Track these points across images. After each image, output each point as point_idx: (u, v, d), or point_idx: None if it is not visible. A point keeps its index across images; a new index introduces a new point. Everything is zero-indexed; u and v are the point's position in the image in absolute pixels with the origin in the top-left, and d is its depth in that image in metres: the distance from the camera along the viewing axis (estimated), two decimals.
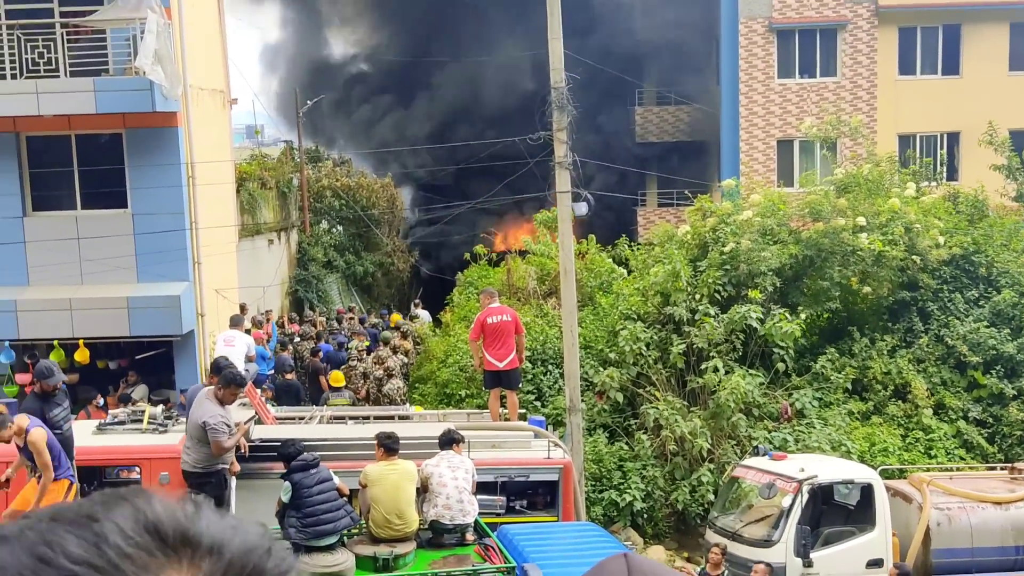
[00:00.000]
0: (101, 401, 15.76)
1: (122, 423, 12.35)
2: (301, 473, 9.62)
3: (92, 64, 17.09)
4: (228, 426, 10.14)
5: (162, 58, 16.34)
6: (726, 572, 12.15)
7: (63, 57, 16.88)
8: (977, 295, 19.78)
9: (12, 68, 16.93)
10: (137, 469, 11.37)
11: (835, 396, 18.36)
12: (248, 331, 17.25)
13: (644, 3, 35.48)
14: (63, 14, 17.37)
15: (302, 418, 13.47)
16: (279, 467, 10.35)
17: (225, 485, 10.37)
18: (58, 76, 16.89)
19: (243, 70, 72.39)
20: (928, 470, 15.78)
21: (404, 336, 20.97)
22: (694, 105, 33.42)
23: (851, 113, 27.82)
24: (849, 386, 18.55)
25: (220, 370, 10.52)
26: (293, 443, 9.88)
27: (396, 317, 26.22)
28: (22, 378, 16.83)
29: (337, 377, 17.68)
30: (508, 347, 13.96)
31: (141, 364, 18.11)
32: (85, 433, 11.60)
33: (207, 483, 10.12)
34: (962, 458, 17.63)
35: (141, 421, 12.27)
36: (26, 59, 16.92)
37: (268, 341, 19.86)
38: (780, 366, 18.17)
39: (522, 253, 24.82)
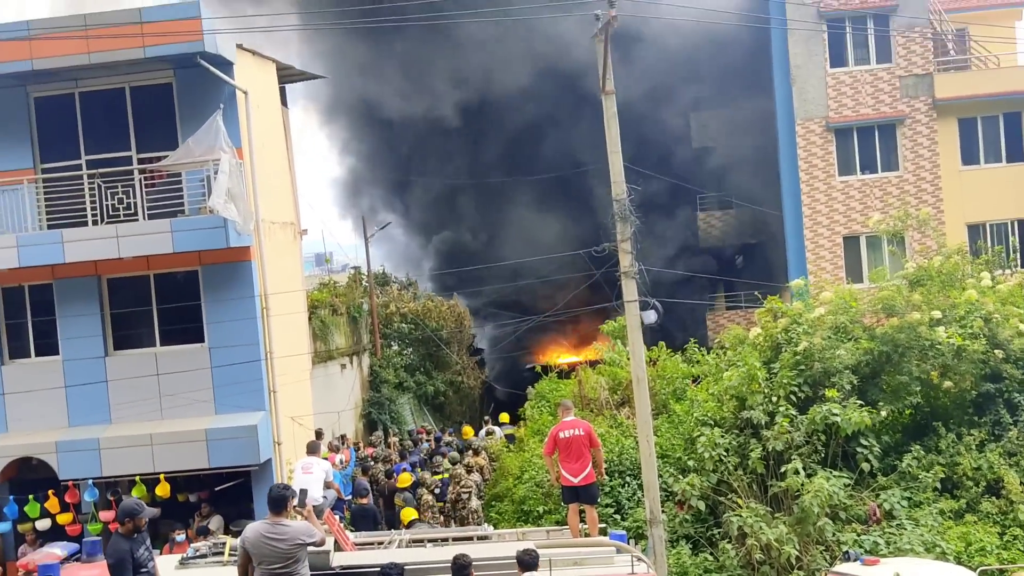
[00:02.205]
0: (180, 536, 15.86)
1: (204, 556, 12.39)
2: None
3: (168, 205, 17.78)
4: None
5: (235, 196, 16.95)
6: None
7: (141, 201, 17.63)
8: None
9: (93, 214, 17.69)
10: None
11: (925, 495, 17.74)
12: (325, 457, 17.36)
13: (700, 110, 36.07)
14: (140, 160, 18.20)
15: (380, 543, 13.41)
16: None
17: None
18: (137, 219, 17.61)
19: (311, 201, 74.56)
20: None
21: (476, 453, 20.92)
22: (757, 207, 33.50)
23: (917, 206, 27.63)
24: (939, 484, 17.94)
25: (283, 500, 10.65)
26: (390, 567, 9.94)
27: (468, 430, 26.23)
28: (106, 515, 17.07)
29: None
30: (583, 461, 13.84)
31: (220, 495, 18.26)
32: (168, 568, 11.66)
33: None
34: None
35: (222, 553, 12.31)
36: (106, 205, 17.69)
37: (345, 467, 19.93)
38: (865, 466, 17.70)
39: (593, 363, 24.77)
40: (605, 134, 15.41)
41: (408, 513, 17.32)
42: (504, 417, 27.00)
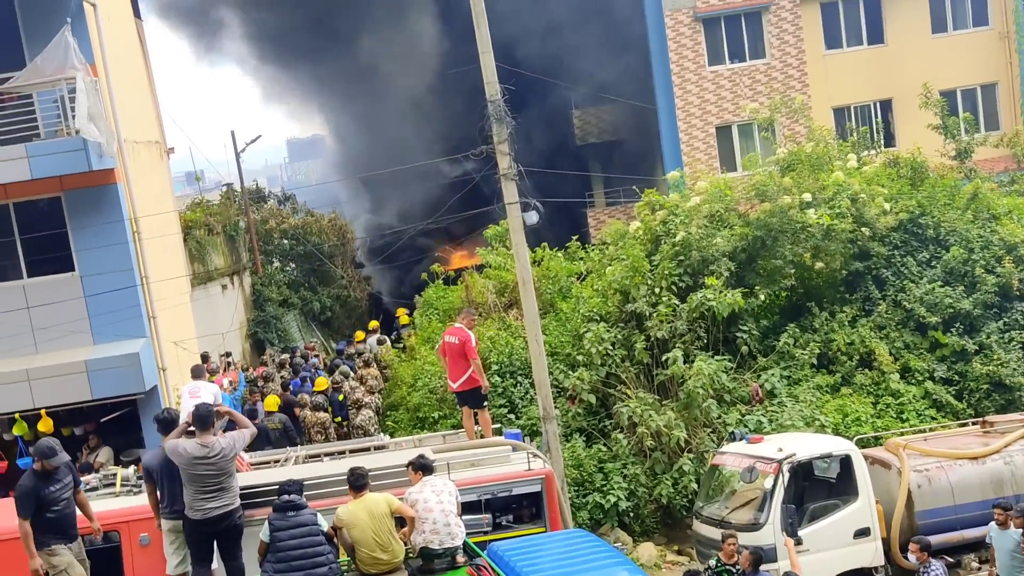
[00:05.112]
0: None
1: (95, 489, 12.11)
2: (277, 514, 9.55)
3: (21, 130, 16.81)
4: None
5: (94, 115, 16.14)
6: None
7: None
8: (928, 256, 20.05)
9: None
10: (116, 534, 11.16)
11: (802, 372, 18.52)
12: (211, 380, 17.01)
13: (568, 7, 35.61)
14: None
15: (277, 461, 13.32)
16: (260, 513, 10.25)
17: None
18: None
19: (176, 117, 71.74)
20: (902, 434, 15.95)
21: (367, 364, 20.83)
22: (630, 102, 33.60)
23: (785, 92, 28.16)
24: (815, 361, 18.71)
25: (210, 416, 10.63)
26: (288, 483, 9.88)
27: (360, 335, 26.20)
28: None
29: (271, 402, 17.53)
30: (459, 368, 13.94)
31: (107, 426, 17.81)
32: None
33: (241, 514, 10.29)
34: (934, 418, 17.83)
35: (113, 484, 12.06)
36: None
37: (235, 389, 19.61)
38: (744, 349, 18.32)
39: (479, 268, 24.78)
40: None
41: (271, 401, 17.45)
42: (373, 323, 27.11)
